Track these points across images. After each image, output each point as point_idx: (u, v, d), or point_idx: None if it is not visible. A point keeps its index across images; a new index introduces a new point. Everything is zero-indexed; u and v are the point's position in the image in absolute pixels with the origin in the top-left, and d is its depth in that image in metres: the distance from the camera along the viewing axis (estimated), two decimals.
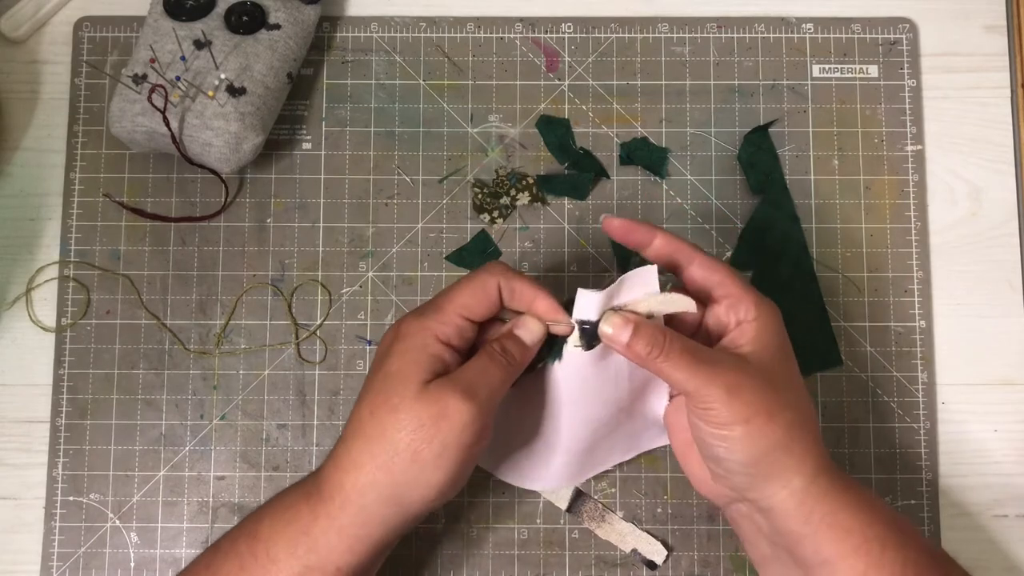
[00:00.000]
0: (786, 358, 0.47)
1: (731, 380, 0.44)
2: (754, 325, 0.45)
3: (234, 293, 0.58)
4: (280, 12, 0.57)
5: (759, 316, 0.46)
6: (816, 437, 0.46)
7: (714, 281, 0.47)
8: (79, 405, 0.57)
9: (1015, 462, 0.57)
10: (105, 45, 0.60)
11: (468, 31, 0.60)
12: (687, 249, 0.47)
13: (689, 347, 0.44)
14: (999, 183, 0.59)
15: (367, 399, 0.45)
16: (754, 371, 0.44)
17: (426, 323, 0.45)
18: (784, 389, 0.45)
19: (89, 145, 0.59)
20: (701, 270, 0.47)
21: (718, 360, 0.44)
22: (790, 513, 0.45)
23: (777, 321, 0.46)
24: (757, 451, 0.44)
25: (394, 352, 0.44)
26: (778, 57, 0.60)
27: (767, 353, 0.45)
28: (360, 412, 0.45)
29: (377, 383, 0.44)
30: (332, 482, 0.44)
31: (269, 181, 0.59)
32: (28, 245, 0.58)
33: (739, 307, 0.46)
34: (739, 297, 0.46)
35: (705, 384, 0.43)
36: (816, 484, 0.45)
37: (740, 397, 0.43)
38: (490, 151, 0.59)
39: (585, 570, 0.55)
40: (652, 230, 0.47)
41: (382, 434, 0.43)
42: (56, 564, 0.55)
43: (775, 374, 0.45)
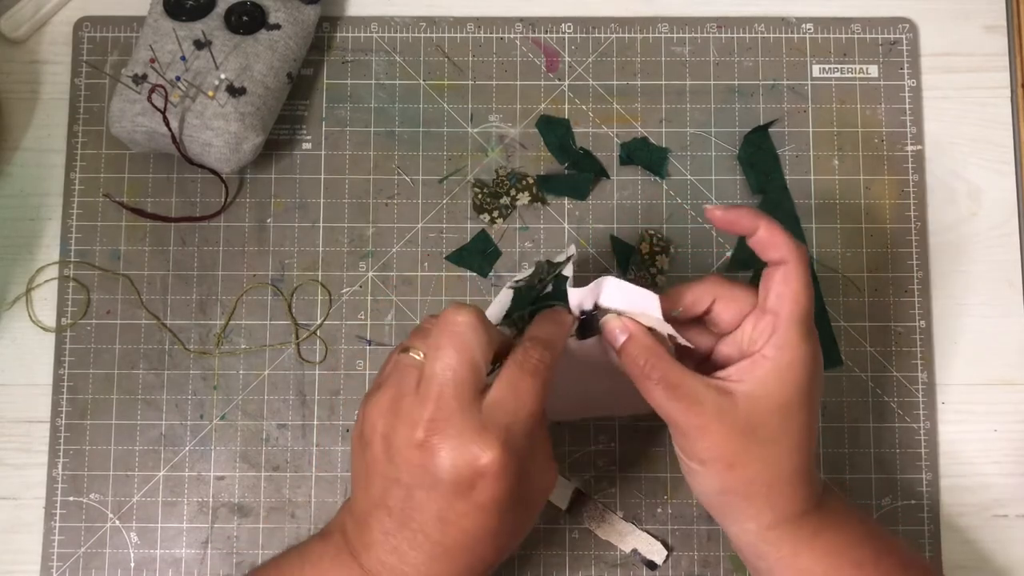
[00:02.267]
0: (788, 413, 0.43)
1: (700, 422, 0.42)
2: (767, 364, 0.43)
3: (234, 293, 0.58)
4: (280, 12, 0.57)
5: (777, 357, 0.43)
6: (789, 492, 0.44)
7: (776, 292, 0.43)
8: (79, 405, 0.57)
9: (1015, 462, 0.57)
10: (105, 45, 0.60)
11: (468, 31, 0.60)
12: (783, 250, 0.43)
13: (672, 378, 0.43)
14: (999, 183, 0.59)
15: (490, 541, 0.41)
16: (733, 416, 0.42)
17: (517, 453, 0.40)
18: (764, 442, 0.43)
19: (89, 145, 0.59)
20: (781, 275, 0.43)
21: (697, 397, 0.43)
22: (744, 547, 0.46)
23: (795, 371, 0.43)
24: (711, 490, 0.45)
25: (500, 493, 0.40)
26: (778, 57, 0.60)
27: (765, 402, 0.43)
28: (480, 554, 0.41)
29: (495, 524, 0.41)
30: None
31: (269, 181, 0.59)
32: (28, 245, 0.58)
33: (774, 333, 0.43)
34: (778, 325, 0.43)
35: (675, 417, 0.43)
36: (774, 532, 0.45)
37: (704, 440, 0.43)
38: (490, 151, 0.59)
39: (585, 570, 0.55)
40: (755, 220, 0.44)
41: (511, 547, 0.43)
42: (56, 564, 0.55)
43: (762, 427, 0.43)
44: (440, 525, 0.40)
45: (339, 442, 0.56)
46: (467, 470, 0.39)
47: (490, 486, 0.39)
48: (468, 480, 0.39)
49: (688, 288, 0.46)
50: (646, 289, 0.44)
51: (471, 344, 0.40)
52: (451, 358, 0.40)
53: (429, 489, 0.40)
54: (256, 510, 0.56)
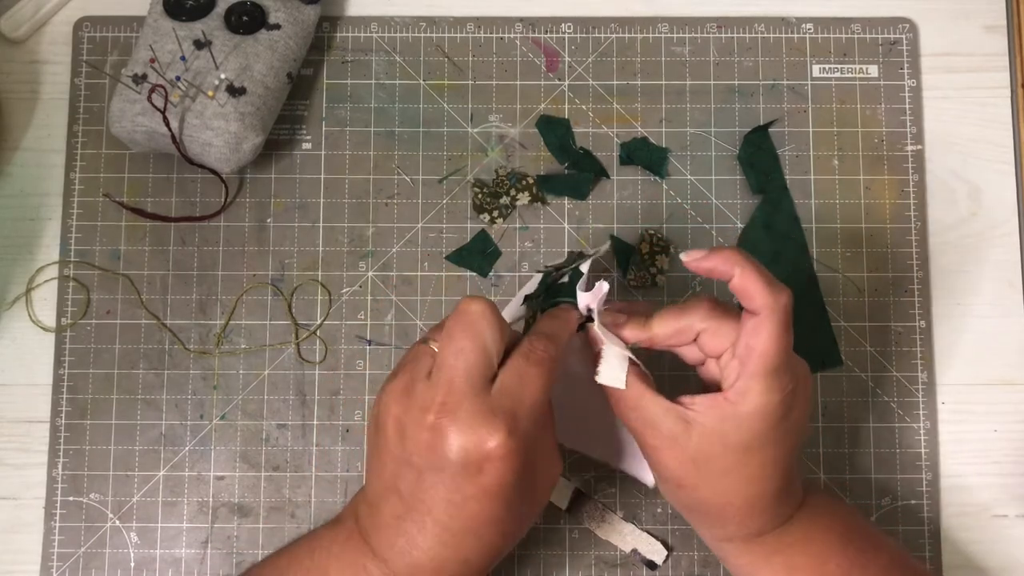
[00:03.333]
0: (744, 452, 0.43)
1: (654, 443, 0.44)
2: (729, 409, 0.42)
3: (234, 293, 0.58)
4: (280, 12, 0.57)
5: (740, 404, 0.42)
6: (744, 518, 0.45)
7: (748, 343, 0.42)
8: (79, 405, 0.57)
9: (1015, 462, 0.57)
10: (105, 45, 0.60)
11: (468, 31, 0.60)
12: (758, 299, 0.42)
13: (629, 399, 0.44)
14: (999, 183, 0.59)
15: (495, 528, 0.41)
16: (684, 445, 0.43)
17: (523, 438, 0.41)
18: (714, 473, 0.43)
19: (89, 145, 0.59)
20: (752, 325, 0.42)
21: (653, 420, 0.43)
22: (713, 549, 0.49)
23: (759, 420, 0.42)
24: (673, 501, 0.48)
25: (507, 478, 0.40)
26: (778, 57, 0.60)
27: (720, 440, 0.43)
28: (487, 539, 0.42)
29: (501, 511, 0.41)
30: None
31: (269, 181, 0.59)
32: (28, 245, 0.58)
33: (738, 382, 0.42)
34: (745, 374, 0.42)
35: (634, 432, 0.45)
36: (730, 544, 0.47)
37: (658, 460, 0.45)
38: (490, 151, 0.59)
39: (585, 570, 0.55)
40: (730, 267, 0.42)
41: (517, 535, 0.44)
42: (56, 564, 0.55)
43: (713, 460, 0.43)
44: (448, 508, 0.41)
45: (339, 442, 0.56)
46: (475, 453, 0.39)
47: (497, 470, 0.40)
48: (476, 463, 0.40)
49: (676, 318, 0.45)
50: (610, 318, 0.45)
51: (482, 332, 0.41)
52: (462, 344, 0.41)
53: (438, 471, 0.40)
54: (256, 510, 0.56)
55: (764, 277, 0.42)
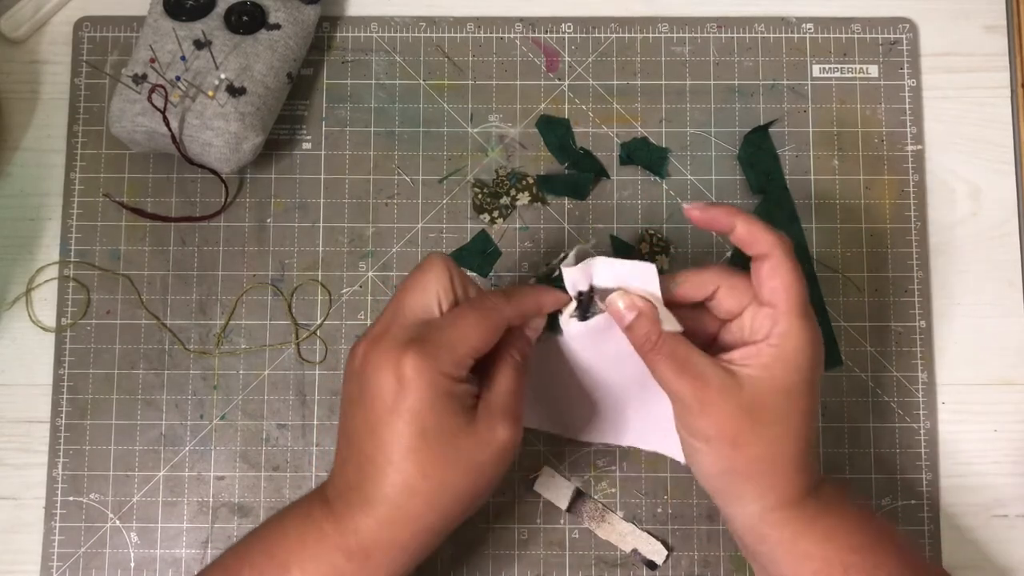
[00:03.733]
0: (791, 397, 0.44)
1: (706, 397, 0.43)
2: (771, 352, 0.43)
3: (234, 293, 0.58)
4: (280, 12, 0.57)
5: (781, 345, 0.43)
6: (789, 473, 0.45)
7: (769, 286, 0.44)
8: (79, 405, 0.57)
9: (1015, 462, 0.57)
10: (105, 45, 0.60)
11: (468, 31, 0.60)
12: (764, 244, 0.44)
13: (679, 354, 0.44)
14: (999, 183, 0.59)
15: (411, 458, 0.41)
16: (739, 397, 0.43)
17: (441, 368, 0.42)
18: (768, 424, 0.44)
19: (89, 145, 0.59)
20: (768, 269, 0.44)
21: (705, 375, 0.43)
22: (745, 530, 0.46)
23: (799, 356, 0.44)
24: (714, 469, 0.45)
25: (417, 405, 0.41)
26: (778, 57, 0.60)
27: (769, 385, 0.43)
28: (404, 472, 0.41)
29: (414, 439, 0.41)
30: (384, 538, 0.42)
31: (269, 181, 0.59)
32: (28, 245, 0.58)
33: (772, 326, 0.44)
34: (778, 317, 0.43)
35: (681, 392, 0.44)
36: (776, 514, 0.45)
37: (709, 417, 0.43)
38: (490, 151, 0.59)
39: (585, 570, 0.55)
40: (731, 218, 0.44)
41: (441, 488, 0.42)
42: (56, 564, 0.55)
43: (766, 408, 0.43)
44: (368, 436, 0.42)
45: None
46: (390, 376, 0.41)
47: (408, 391, 0.41)
48: (390, 387, 0.41)
49: (692, 272, 0.46)
50: (640, 262, 0.45)
51: (427, 273, 0.44)
52: (406, 284, 0.44)
53: (362, 398, 0.42)
54: (256, 510, 0.56)
55: (764, 222, 0.44)
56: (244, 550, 0.45)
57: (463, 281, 0.45)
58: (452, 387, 0.42)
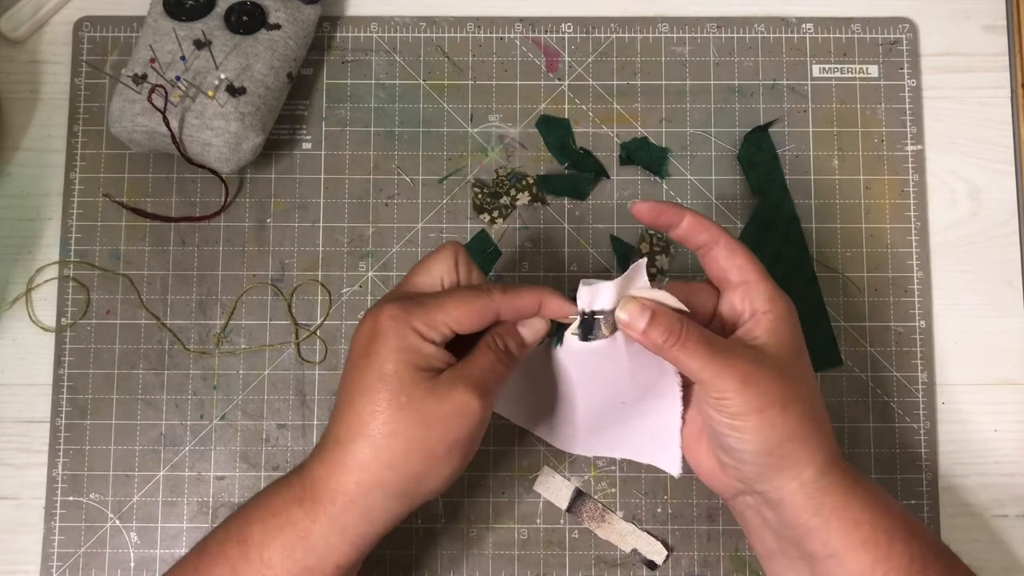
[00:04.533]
0: (799, 352, 0.46)
1: (746, 370, 0.43)
2: (769, 316, 0.45)
3: (234, 293, 0.58)
4: (280, 12, 0.57)
5: (773, 308, 0.45)
6: (827, 431, 0.46)
7: (734, 265, 0.46)
8: (79, 405, 0.57)
9: (1015, 462, 0.57)
10: (105, 45, 0.60)
11: (468, 31, 0.60)
12: (714, 230, 0.46)
13: (705, 336, 0.44)
14: (999, 183, 0.59)
15: (365, 397, 0.43)
16: (769, 362, 0.44)
17: (413, 323, 0.43)
18: (798, 381, 0.45)
19: (89, 145, 0.59)
20: (725, 251, 0.46)
21: (733, 350, 0.44)
22: (800, 505, 0.45)
23: (792, 314, 0.46)
24: (771, 441, 0.44)
25: (383, 349, 0.43)
26: (778, 57, 0.60)
27: (782, 345, 0.45)
28: (358, 411, 0.43)
29: (372, 380, 0.43)
30: (331, 485, 0.43)
31: (269, 181, 0.59)
32: (28, 245, 0.58)
33: (755, 296, 0.46)
34: (756, 286, 0.46)
35: (719, 374, 0.43)
36: (827, 477, 0.45)
37: (755, 387, 0.43)
38: (490, 151, 0.59)
39: (585, 570, 0.55)
40: (680, 211, 0.47)
41: (391, 433, 0.42)
42: (56, 564, 0.55)
43: (789, 366, 0.45)
44: (344, 395, 0.44)
45: None
46: (368, 324, 0.44)
47: (377, 339, 0.43)
48: (367, 334, 0.44)
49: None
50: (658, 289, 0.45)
51: (435, 257, 0.46)
52: (415, 267, 0.47)
53: (348, 362, 0.44)
54: None
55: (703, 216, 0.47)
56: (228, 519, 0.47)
57: (468, 267, 0.47)
58: (420, 344, 0.43)
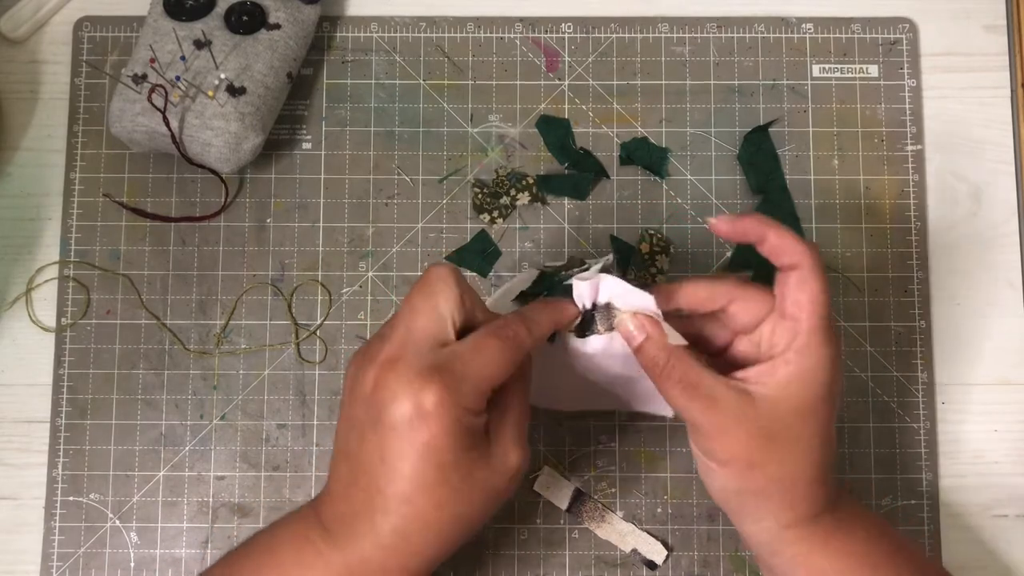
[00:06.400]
0: (808, 416, 0.43)
1: (720, 422, 0.42)
2: (791, 369, 0.42)
3: (234, 293, 0.58)
4: (280, 12, 0.57)
5: (801, 362, 0.42)
6: (808, 492, 0.44)
7: (796, 299, 0.42)
8: (79, 405, 0.57)
9: (1015, 462, 0.57)
10: (105, 45, 0.60)
11: (468, 31, 0.60)
12: (797, 254, 0.42)
13: (690, 377, 0.43)
14: (999, 183, 0.59)
15: (427, 494, 0.40)
16: (753, 417, 0.42)
17: (463, 402, 0.40)
18: (785, 444, 0.43)
19: (89, 145, 0.59)
20: (798, 281, 0.42)
21: (717, 396, 0.42)
22: (760, 546, 0.46)
23: (821, 375, 0.42)
24: (730, 490, 0.44)
25: (438, 441, 0.39)
26: (778, 57, 0.60)
27: (786, 405, 0.42)
28: (419, 507, 0.40)
29: (431, 473, 0.39)
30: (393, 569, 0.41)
31: (269, 181, 0.59)
32: (28, 245, 0.58)
33: (794, 338, 0.42)
34: (801, 333, 0.42)
35: (694, 417, 0.43)
36: (791, 530, 0.44)
37: (723, 440, 0.43)
38: (490, 151, 0.59)
39: (585, 570, 0.55)
40: (763, 227, 0.43)
41: (456, 519, 0.41)
42: (56, 564, 0.55)
43: (783, 429, 0.42)
44: (381, 467, 0.40)
45: None
46: (408, 406, 0.39)
47: (428, 426, 0.39)
48: (408, 417, 0.39)
49: (703, 284, 0.45)
50: (641, 291, 0.44)
51: (437, 293, 0.41)
52: (415, 303, 0.41)
53: (375, 427, 0.40)
54: (256, 510, 0.56)
55: (795, 233, 0.43)
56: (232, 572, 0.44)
57: (471, 297, 0.43)
58: (472, 421, 0.40)
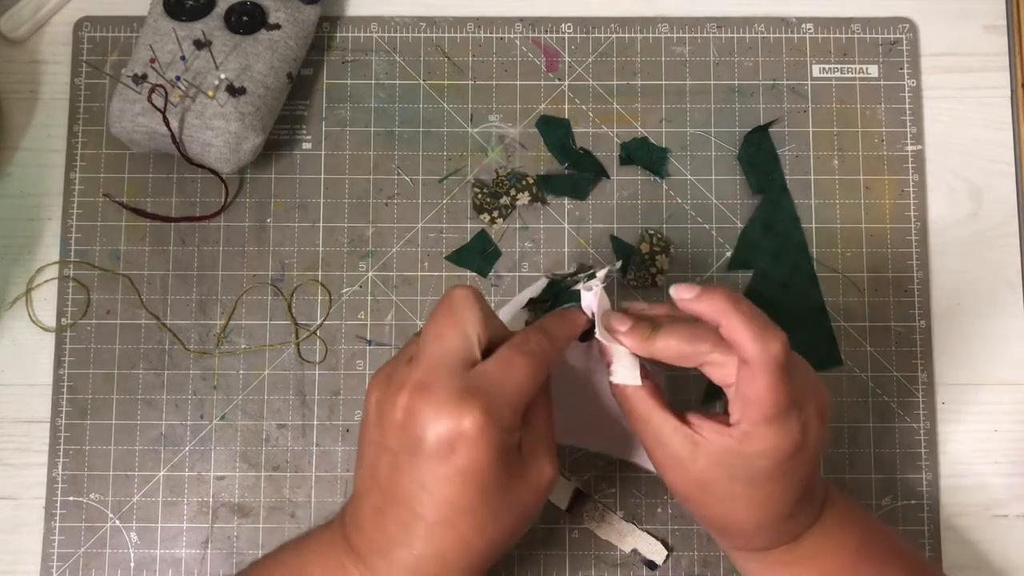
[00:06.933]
0: (750, 484, 0.42)
1: (660, 460, 0.44)
2: (733, 444, 0.42)
3: (234, 293, 0.58)
4: (280, 12, 0.57)
5: (745, 445, 0.41)
6: (752, 537, 0.44)
7: (744, 392, 0.41)
8: (79, 405, 0.57)
9: (1015, 462, 0.57)
10: (105, 45, 0.60)
11: (468, 31, 0.60)
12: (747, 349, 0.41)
13: (639, 411, 0.44)
14: (999, 183, 0.59)
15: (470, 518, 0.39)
16: (689, 467, 0.42)
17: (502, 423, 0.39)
18: (721, 498, 0.43)
19: (89, 145, 0.59)
20: (746, 377, 0.41)
21: (660, 438, 0.43)
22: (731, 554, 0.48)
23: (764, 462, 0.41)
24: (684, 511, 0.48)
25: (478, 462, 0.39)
26: (778, 57, 0.60)
27: (726, 471, 0.42)
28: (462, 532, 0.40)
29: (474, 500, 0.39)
30: None
31: (269, 181, 0.59)
32: (28, 245, 0.58)
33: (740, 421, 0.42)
34: (748, 423, 0.41)
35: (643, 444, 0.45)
36: (740, 553, 0.47)
37: (664, 474, 0.45)
38: (490, 151, 0.59)
39: (585, 570, 0.55)
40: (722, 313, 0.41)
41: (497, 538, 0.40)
42: (56, 564, 0.55)
43: (719, 487, 0.43)
44: (421, 494, 0.39)
45: (339, 442, 0.56)
46: (446, 432, 0.38)
47: (469, 450, 0.38)
48: (448, 442, 0.38)
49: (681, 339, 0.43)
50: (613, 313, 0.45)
51: (462, 315, 0.41)
52: (442, 327, 0.41)
53: (412, 454, 0.39)
54: (256, 510, 0.56)
55: (754, 325, 0.41)
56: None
57: (493, 317, 0.42)
58: (509, 440, 0.40)
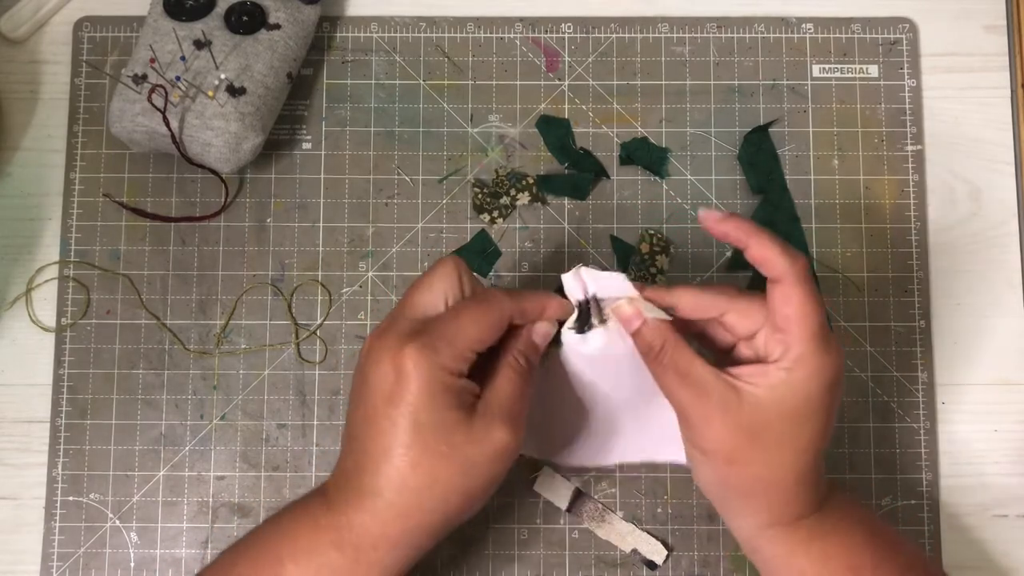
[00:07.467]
0: (797, 421, 0.42)
1: (705, 412, 0.43)
2: (781, 375, 0.42)
3: (234, 293, 0.58)
4: (280, 12, 0.57)
5: (794, 372, 0.42)
6: (789, 496, 0.44)
7: (783, 313, 0.42)
8: (79, 405, 0.57)
9: (1015, 462, 0.57)
10: (105, 45, 0.60)
11: (468, 31, 0.60)
12: (778, 266, 0.42)
13: (681, 364, 0.43)
14: (999, 183, 0.59)
15: (402, 450, 0.41)
16: (738, 415, 0.42)
17: (440, 360, 0.41)
18: (768, 446, 0.43)
19: (89, 145, 0.59)
20: (782, 296, 0.42)
21: (706, 387, 0.42)
22: (741, 541, 0.47)
23: (815, 385, 0.42)
24: (711, 482, 0.45)
25: (414, 397, 0.41)
26: (778, 57, 0.60)
27: (774, 408, 0.42)
28: (396, 465, 0.41)
29: (407, 431, 0.41)
30: (374, 531, 0.42)
31: (269, 181, 0.59)
32: (28, 245, 0.58)
33: (787, 350, 0.42)
34: (795, 343, 0.42)
35: (682, 403, 0.43)
36: (770, 530, 0.45)
37: (707, 431, 0.43)
38: (490, 151, 0.59)
39: (585, 570, 0.55)
40: (745, 235, 0.43)
41: (433, 483, 0.41)
42: (56, 564, 0.55)
43: (767, 430, 0.42)
44: (365, 428, 0.42)
45: (339, 442, 0.56)
46: (389, 368, 0.41)
47: (406, 385, 0.41)
48: (389, 379, 0.41)
49: (699, 293, 0.45)
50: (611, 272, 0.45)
51: (436, 276, 0.44)
52: (415, 284, 0.45)
53: (362, 390, 0.42)
54: (256, 510, 0.56)
55: (779, 244, 0.42)
56: (243, 547, 0.46)
57: (471, 280, 0.45)
58: (451, 381, 0.42)
